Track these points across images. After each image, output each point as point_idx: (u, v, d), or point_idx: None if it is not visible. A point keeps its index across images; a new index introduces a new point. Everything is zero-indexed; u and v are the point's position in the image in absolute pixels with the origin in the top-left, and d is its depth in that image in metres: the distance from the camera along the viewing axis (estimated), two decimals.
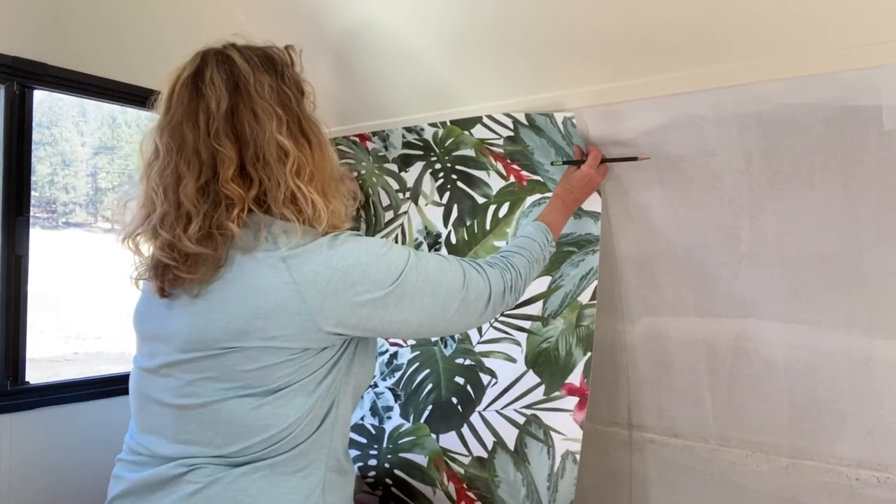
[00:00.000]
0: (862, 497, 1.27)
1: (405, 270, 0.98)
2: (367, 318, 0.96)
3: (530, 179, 1.49)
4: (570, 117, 1.31)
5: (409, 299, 0.98)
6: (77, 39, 1.43)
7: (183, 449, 0.96)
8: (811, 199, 1.18)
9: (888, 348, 1.19)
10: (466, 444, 1.51)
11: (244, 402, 0.94)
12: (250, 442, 0.94)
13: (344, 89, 1.66)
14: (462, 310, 1.05)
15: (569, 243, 1.42)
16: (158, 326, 1.00)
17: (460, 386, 1.55)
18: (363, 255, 0.96)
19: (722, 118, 1.18)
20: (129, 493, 0.99)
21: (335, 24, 1.51)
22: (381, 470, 1.64)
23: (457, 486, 1.51)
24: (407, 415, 1.63)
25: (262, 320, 0.91)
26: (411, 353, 1.67)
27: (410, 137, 1.62)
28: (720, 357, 1.40)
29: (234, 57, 0.98)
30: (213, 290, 0.94)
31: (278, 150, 0.94)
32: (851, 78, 1.03)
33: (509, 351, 1.49)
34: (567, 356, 1.39)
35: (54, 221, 14.25)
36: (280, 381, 0.94)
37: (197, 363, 0.95)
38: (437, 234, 1.67)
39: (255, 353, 0.92)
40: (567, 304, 1.41)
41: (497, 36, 1.33)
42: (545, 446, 1.38)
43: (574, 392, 1.36)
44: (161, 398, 0.98)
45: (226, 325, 0.92)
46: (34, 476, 1.39)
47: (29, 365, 1.43)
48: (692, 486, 1.48)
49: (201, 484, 0.93)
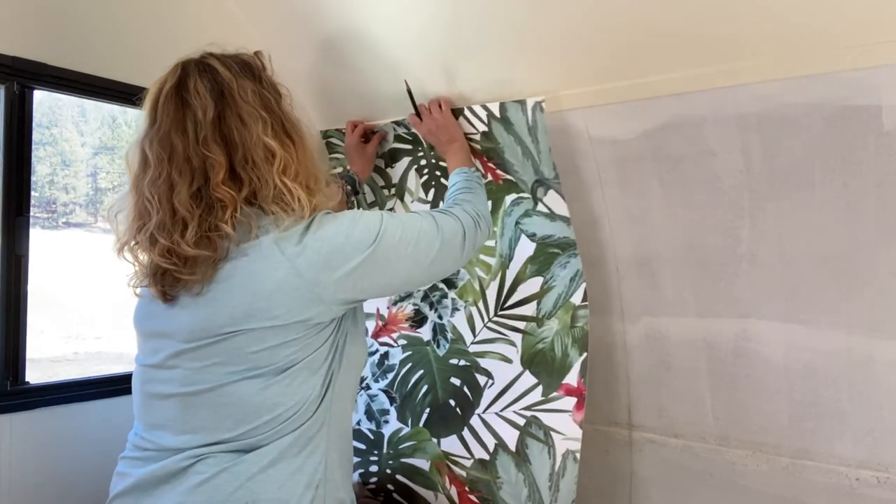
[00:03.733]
0: (862, 497, 1.26)
1: (382, 227, 1.04)
2: (361, 277, 1.01)
3: (505, 179, 1.49)
4: (539, 101, 1.32)
5: (395, 249, 1.04)
6: (77, 39, 1.42)
7: (190, 439, 0.98)
8: (811, 199, 1.18)
9: (888, 348, 1.19)
10: (468, 446, 1.50)
11: (253, 384, 0.97)
12: (259, 422, 0.97)
13: (341, 88, 1.66)
14: (444, 249, 1.11)
15: (552, 244, 1.43)
16: (161, 324, 1.03)
17: (457, 387, 1.55)
18: (342, 224, 1.02)
19: (722, 118, 1.18)
20: (134, 489, 0.99)
21: (334, 23, 1.51)
22: (382, 476, 1.63)
23: (459, 490, 1.51)
24: (405, 418, 1.63)
25: (264, 301, 0.96)
26: (402, 353, 1.66)
27: (400, 131, 1.62)
28: (720, 357, 1.40)
29: (214, 65, 1.03)
30: (214, 284, 0.98)
31: (265, 152, 1.00)
32: (851, 78, 1.03)
33: (504, 351, 1.48)
34: (563, 357, 1.39)
35: (54, 221, 14.25)
36: (286, 359, 0.98)
37: (203, 350, 0.98)
38: None
39: (260, 333, 0.96)
40: (560, 305, 1.41)
41: (497, 36, 1.33)
42: (546, 446, 1.38)
43: (572, 392, 1.36)
44: (166, 391, 1.00)
45: (231, 311, 0.96)
46: (34, 476, 1.39)
47: (29, 365, 1.43)
48: (692, 486, 1.48)
49: (208, 474, 0.95)
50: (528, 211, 1.46)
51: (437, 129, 1.46)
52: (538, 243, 1.44)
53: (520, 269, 1.47)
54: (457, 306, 1.57)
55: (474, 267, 1.54)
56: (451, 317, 1.58)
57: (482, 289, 1.53)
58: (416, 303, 1.64)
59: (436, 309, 1.61)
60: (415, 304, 1.65)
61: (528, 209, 1.46)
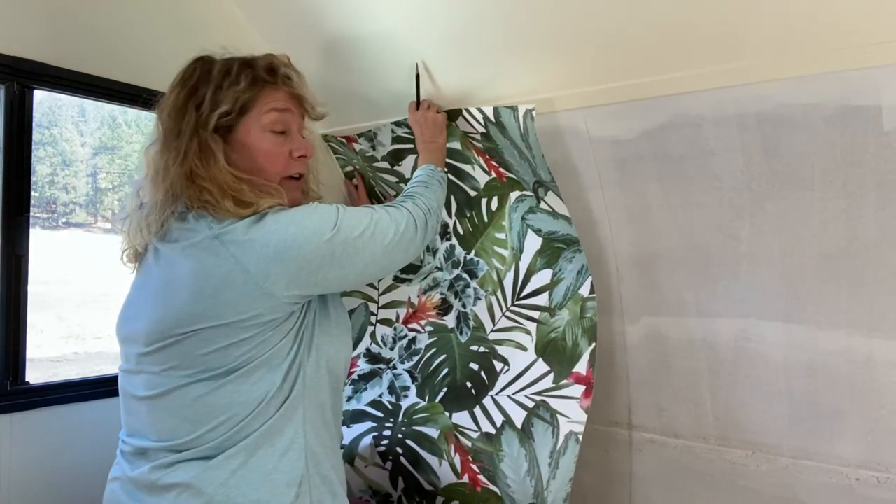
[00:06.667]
0: (862, 497, 1.26)
1: (338, 218, 1.03)
2: (316, 271, 0.99)
3: (508, 177, 1.53)
4: (530, 109, 1.34)
5: (352, 243, 1.03)
6: (77, 39, 1.42)
7: (161, 444, 0.99)
8: (811, 199, 1.18)
9: (888, 348, 1.19)
10: (477, 421, 1.56)
11: (205, 385, 0.97)
12: (215, 423, 0.96)
13: (341, 89, 1.66)
14: (398, 241, 1.11)
15: (557, 240, 1.47)
16: (128, 327, 1.06)
17: (475, 372, 1.60)
18: (294, 215, 1.01)
19: (722, 118, 1.18)
20: (120, 494, 1.02)
21: (333, 23, 1.51)
22: (393, 440, 1.69)
23: (462, 458, 1.57)
24: (423, 395, 1.69)
25: (209, 300, 0.95)
26: (429, 339, 1.72)
27: (400, 131, 1.64)
28: (720, 357, 1.40)
29: (176, 78, 1.12)
30: (161, 283, 1.00)
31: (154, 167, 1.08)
32: (851, 78, 1.03)
33: (520, 339, 1.53)
34: (574, 346, 1.42)
35: (54, 221, 14.25)
36: (239, 359, 0.97)
37: (159, 354, 0.98)
38: (444, 224, 1.68)
39: (209, 333, 0.95)
40: (570, 296, 1.45)
41: (496, 36, 1.33)
42: (550, 426, 1.42)
43: (581, 380, 1.40)
44: (137, 394, 1.02)
45: (176, 313, 0.96)
46: (34, 476, 1.39)
47: (29, 365, 1.43)
48: (692, 486, 1.49)
49: (182, 485, 0.95)
50: (533, 208, 1.50)
51: (426, 124, 1.47)
52: (544, 238, 1.49)
53: (531, 260, 1.51)
54: (479, 295, 1.62)
55: (491, 258, 1.59)
56: (473, 306, 1.63)
57: (500, 279, 1.58)
58: (443, 292, 1.70)
59: (460, 298, 1.66)
60: (442, 293, 1.71)
61: (532, 206, 1.50)
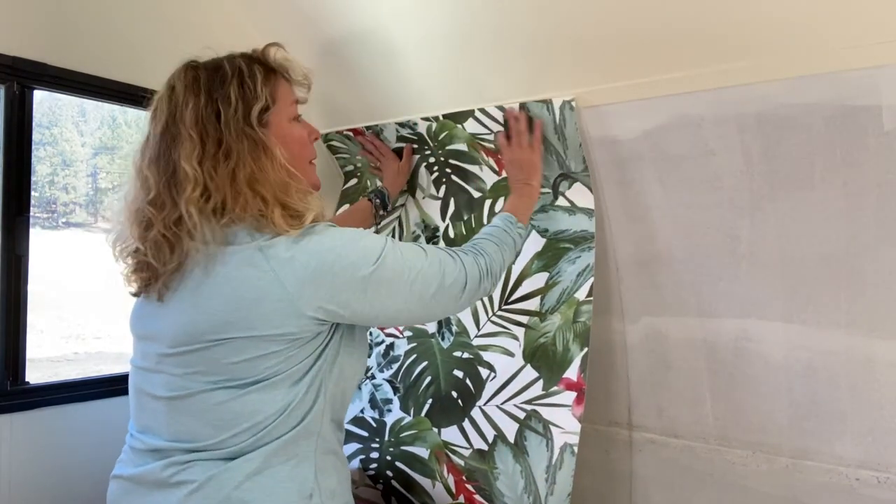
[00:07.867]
0: (862, 497, 1.26)
1: (382, 254, 0.99)
2: (346, 302, 0.97)
3: None
4: (568, 100, 1.30)
5: (388, 284, 0.99)
6: (77, 39, 1.42)
7: (176, 443, 0.98)
8: (811, 199, 1.18)
9: (888, 348, 1.19)
10: (467, 436, 1.52)
11: (227, 392, 0.96)
12: (238, 429, 0.96)
13: (341, 89, 1.66)
14: (439, 295, 1.05)
15: (565, 240, 1.44)
16: (149, 327, 1.03)
17: (459, 380, 1.56)
18: (338, 240, 0.97)
19: (722, 118, 1.18)
20: (127, 490, 1.01)
21: (333, 23, 1.51)
22: (382, 463, 1.65)
23: (456, 479, 1.52)
24: (407, 408, 1.64)
25: (245, 311, 0.93)
26: (408, 344, 1.67)
27: (404, 132, 1.63)
28: (720, 357, 1.40)
29: (176, 81, 1.04)
30: (195, 286, 0.97)
31: (183, 175, 1.00)
32: (851, 78, 1.03)
33: (507, 345, 1.50)
34: (564, 351, 1.40)
35: (54, 221, 14.27)
36: (265, 371, 0.96)
37: (185, 357, 0.97)
38: (434, 228, 1.67)
39: (240, 343, 0.94)
40: (564, 300, 1.42)
41: (496, 36, 1.33)
42: (544, 439, 1.39)
43: (572, 387, 1.37)
44: (155, 393, 1.01)
45: (210, 318, 0.95)
46: (34, 476, 1.39)
47: (29, 365, 1.43)
48: (692, 486, 1.48)
49: (196, 482, 0.95)
50: (545, 206, 1.47)
51: (522, 164, 1.37)
52: (549, 239, 1.46)
53: (526, 264, 1.48)
54: None
55: None
56: None
57: None
58: None
59: None
60: None
61: (543, 204, 1.47)
